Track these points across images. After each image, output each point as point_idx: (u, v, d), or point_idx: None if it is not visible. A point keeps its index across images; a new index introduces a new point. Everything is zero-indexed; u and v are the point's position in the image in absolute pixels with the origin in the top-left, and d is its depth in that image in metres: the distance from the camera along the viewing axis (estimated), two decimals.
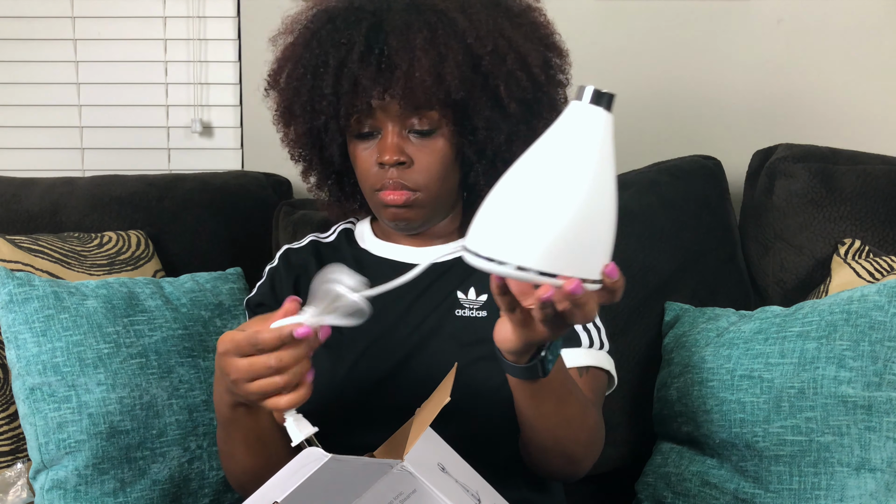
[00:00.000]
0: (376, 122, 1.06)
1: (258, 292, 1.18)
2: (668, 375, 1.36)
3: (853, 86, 1.74)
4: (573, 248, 0.69)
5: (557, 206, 0.69)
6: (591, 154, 0.71)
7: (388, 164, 1.05)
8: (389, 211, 1.08)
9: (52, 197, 1.53)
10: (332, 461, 0.73)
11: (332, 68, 1.05)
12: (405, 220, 1.08)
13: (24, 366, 1.20)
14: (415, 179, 1.06)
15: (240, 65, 1.77)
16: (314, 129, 1.10)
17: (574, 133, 0.71)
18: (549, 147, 0.71)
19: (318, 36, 1.07)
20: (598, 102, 0.72)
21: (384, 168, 1.06)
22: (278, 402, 0.82)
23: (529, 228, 0.68)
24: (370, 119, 1.06)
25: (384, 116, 1.05)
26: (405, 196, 1.06)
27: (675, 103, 1.76)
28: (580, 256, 0.70)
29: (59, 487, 1.19)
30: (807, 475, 1.16)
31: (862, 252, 1.39)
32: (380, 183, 1.07)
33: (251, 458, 0.99)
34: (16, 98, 1.78)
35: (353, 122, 1.07)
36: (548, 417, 0.92)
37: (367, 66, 1.03)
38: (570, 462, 1.01)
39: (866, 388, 1.15)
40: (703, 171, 1.57)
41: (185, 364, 1.28)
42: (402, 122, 1.05)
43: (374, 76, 1.02)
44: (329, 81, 1.05)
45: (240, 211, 1.58)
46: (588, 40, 1.73)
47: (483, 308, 1.08)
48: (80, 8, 1.76)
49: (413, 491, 0.80)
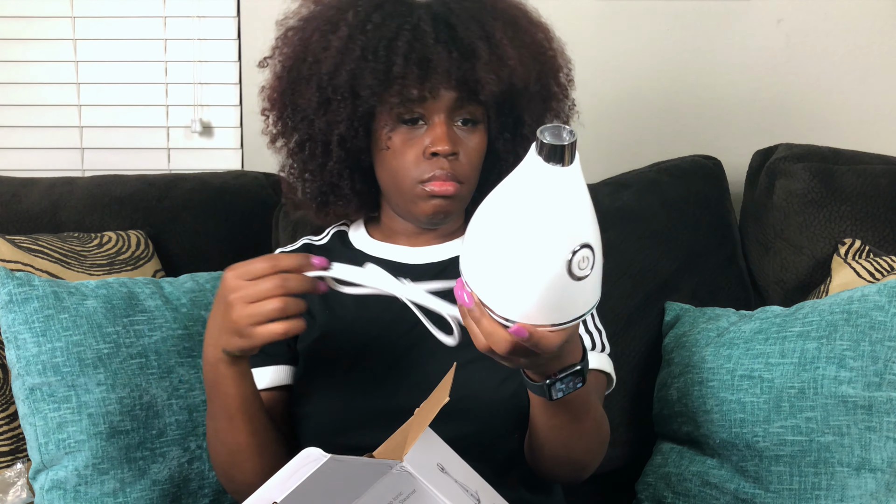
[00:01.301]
0: (426, 109, 1.04)
1: None
2: (668, 375, 1.36)
3: (853, 86, 1.74)
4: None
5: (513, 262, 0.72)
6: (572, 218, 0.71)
7: (443, 154, 1.03)
8: (432, 203, 1.05)
9: (51, 197, 1.53)
10: (331, 461, 0.73)
11: (402, 52, 1.02)
12: (445, 212, 1.07)
13: (24, 366, 1.20)
14: (463, 171, 1.05)
15: (240, 65, 1.77)
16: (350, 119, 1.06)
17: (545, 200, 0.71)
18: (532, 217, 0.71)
19: (371, 20, 1.04)
20: (569, 160, 0.70)
21: (434, 159, 1.04)
22: (274, 329, 0.87)
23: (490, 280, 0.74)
24: (420, 107, 1.04)
25: (437, 105, 1.03)
26: (455, 187, 1.04)
27: (675, 103, 1.76)
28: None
29: (58, 487, 1.19)
30: (807, 475, 1.16)
31: (862, 252, 1.39)
32: (428, 173, 1.04)
33: (235, 435, 0.98)
34: (16, 98, 1.78)
35: (403, 111, 1.04)
36: (561, 429, 0.94)
37: (441, 50, 1.02)
38: (578, 469, 1.02)
39: (866, 388, 1.15)
40: (703, 171, 1.57)
41: (185, 364, 1.28)
42: (453, 112, 1.04)
43: (451, 59, 1.02)
44: (399, 65, 1.01)
45: (240, 211, 1.58)
46: (588, 40, 1.73)
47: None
48: (80, 8, 1.76)
49: (412, 491, 0.80)
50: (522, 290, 0.72)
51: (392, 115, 1.05)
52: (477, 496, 0.86)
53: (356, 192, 1.15)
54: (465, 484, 0.85)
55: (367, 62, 1.03)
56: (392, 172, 1.07)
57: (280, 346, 1.11)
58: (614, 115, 1.74)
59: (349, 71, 1.04)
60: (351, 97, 1.05)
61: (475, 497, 0.85)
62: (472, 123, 1.06)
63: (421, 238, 1.14)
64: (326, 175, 1.13)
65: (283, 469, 0.77)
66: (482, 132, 1.08)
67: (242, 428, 0.98)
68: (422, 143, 1.04)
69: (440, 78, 1.01)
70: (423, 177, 1.04)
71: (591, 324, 1.12)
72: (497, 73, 1.03)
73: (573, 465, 1.01)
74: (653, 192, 1.52)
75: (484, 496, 0.87)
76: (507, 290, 0.73)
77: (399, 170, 1.06)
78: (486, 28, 1.04)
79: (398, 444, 0.82)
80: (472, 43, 1.03)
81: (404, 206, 1.08)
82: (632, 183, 1.54)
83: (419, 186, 1.05)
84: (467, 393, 0.99)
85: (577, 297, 0.73)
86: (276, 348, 1.11)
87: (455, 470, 0.85)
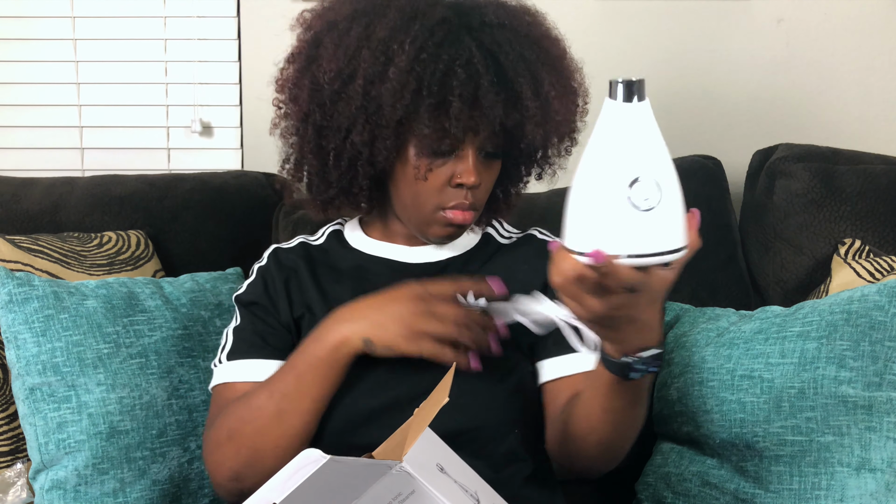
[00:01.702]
0: (460, 142, 1.05)
1: (251, 291, 1.16)
2: (668, 375, 1.35)
3: (853, 86, 1.74)
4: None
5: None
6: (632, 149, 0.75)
7: (468, 186, 1.05)
8: (447, 229, 1.09)
9: (51, 197, 1.53)
10: (330, 462, 0.73)
11: (457, 91, 1.01)
12: (456, 236, 1.12)
13: (24, 366, 1.20)
14: (480, 200, 1.09)
15: (240, 65, 1.77)
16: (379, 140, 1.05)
17: (608, 135, 0.76)
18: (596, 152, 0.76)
19: (427, 50, 1.02)
20: (629, 98, 0.75)
21: (458, 188, 1.06)
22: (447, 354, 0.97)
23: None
24: (455, 138, 1.04)
25: (469, 139, 1.05)
26: (471, 216, 1.08)
27: (675, 103, 1.76)
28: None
29: (58, 487, 1.19)
30: (807, 475, 1.16)
31: (862, 252, 1.39)
32: (451, 202, 1.06)
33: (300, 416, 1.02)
34: (16, 98, 1.78)
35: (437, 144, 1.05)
36: (618, 413, 0.95)
37: (491, 93, 1.02)
38: (618, 457, 1.05)
39: (866, 388, 1.15)
40: (703, 171, 1.57)
41: (185, 364, 1.28)
42: (481, 144, 1.06)
43: (500, 107, 1.03)
44: (455, 107, 1.01)
45: (240, 211, 1.58)
46: (588, 40, 1.72)
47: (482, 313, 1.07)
48: (80, 8, 1.76)
49: (412, 492, 0.80)
50: (591, 220, 0.75)
51: (428, 144, 1.05)
52: (476, 496, 0.86)
53: (369, 199, 1.14)
54: (465, 484, 0.85)
55: (422, 97, 1.02)
56: (414, 194, 1.07)
57: (287, 342, 1.11)
58: None
59: (404, 106, 1.02)
60: (396, 125, 1.04)
61: (475, 497, 0.85)
62: (494, 157, 1.08)
63: (419, 239, 1.15)
64: (344, 182, 1.11)
65: (282, 470, 0.77)
66: (499, 161, 1.10)
67: (310, 410, 1.02)
68: (449, 170, 1.05)
69: (486, 121, 1.03)
70: (446, 204, 1.06)
71: None
72: (544, 127, 1.06)
73: (616, 452, 1.03)
74: None
75: (483, 496, 0.87)
76: (579, 222, 0.75)
77: (422, 193, 1.07)
78: (534, 73, 1.05)
79: (397, 445, 0.82)
80: (521, 91, 1.04)
81: (417, 224, 1.10)
82: None
83: (439, 212, 1.07)
84: (468, 388, 0.99)
85: (648, 230, 0.75)
86: (283, 343, 1.11)
87: (454, 470, 0.85)
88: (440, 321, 0.98)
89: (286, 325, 1.12)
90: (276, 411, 1.02)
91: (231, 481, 1.05)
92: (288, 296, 1.13)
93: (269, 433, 1.02)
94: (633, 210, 0.73)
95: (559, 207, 0.84)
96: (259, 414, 1.03)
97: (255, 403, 1.04)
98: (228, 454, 1.04)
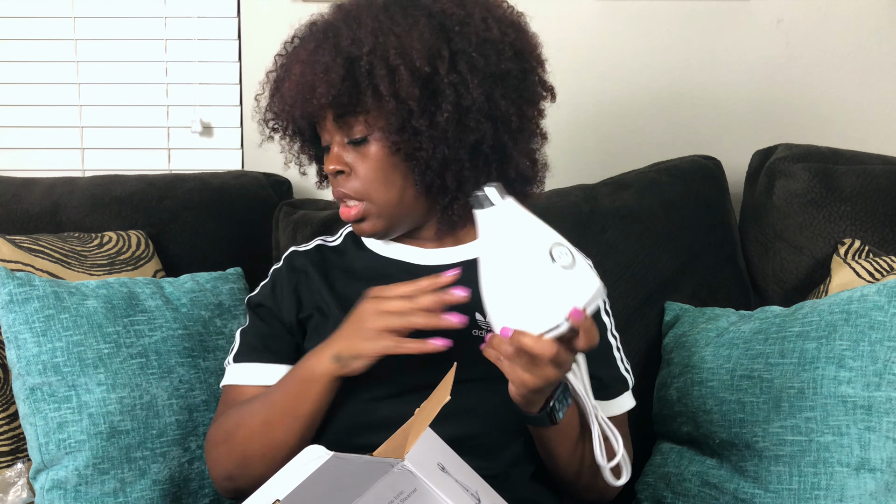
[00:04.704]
0: (326, 135, 1.10)
1: (260, 292, 1.18)
2: (668, 375, 1.36)
3: (853, 86, 1.74)
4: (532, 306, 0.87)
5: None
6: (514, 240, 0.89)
7: (330, 174, 1.09)
8: (355, 228, 1.12)
9: (52, 197, 1.53)
10: (333, 459, 0.73)
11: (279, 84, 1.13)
12: (364, 233, 1.12)
13: (24, 366, 1.20)
14: (354, 187, 1.08)
15: (240, 65, 1.77)
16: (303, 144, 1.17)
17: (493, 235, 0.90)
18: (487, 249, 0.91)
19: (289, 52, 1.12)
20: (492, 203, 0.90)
21: (334, 178, 1.09)
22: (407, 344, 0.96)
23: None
24: (325, 133, 1.10)
25: (328, 130, 1.09)
26: (355, 210, 1.09)
27: (675, 103, 1.76)
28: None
29: (59, 487, 1.19)
30: (806, 475, 1.16)
31: (862, 252, 1.40)
32: (335, 195, 1.11)
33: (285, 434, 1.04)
34: (16, 98, 1.78)
35: (321, 134, 1.12)
36: (564, 456, 1.04)
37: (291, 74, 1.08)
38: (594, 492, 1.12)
39: (866, 388, 1.15)
40: (703, 171, 1.57)
41: (185, 364, 1.28)
42: (339, 134, 1.08)
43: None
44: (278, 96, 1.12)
45: (240, 211, 1.58)
46: (588, 40, 1.73)
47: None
48: (80, 8, 1.76)
49: (413, 490, 0.80)
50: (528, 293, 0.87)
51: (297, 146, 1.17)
52: (477, 496, 0.86)
53: None
54: (466, 483, 0.85)
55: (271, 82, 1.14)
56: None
57: (289, 346, 1.13)
58: (614, 115, 1.74)
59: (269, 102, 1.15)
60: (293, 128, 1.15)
61: (475, 497, 0.85)
62: (359, 143, 1.07)
63: (432, 240, 1.14)
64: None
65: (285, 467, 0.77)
66: (377, 144, 1.06)
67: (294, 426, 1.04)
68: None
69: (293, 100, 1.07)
70: (336, 200, 1.11)
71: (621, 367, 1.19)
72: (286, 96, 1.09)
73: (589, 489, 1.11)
74: (653, 192, 1.52)
75: (484, 496, 0.87)
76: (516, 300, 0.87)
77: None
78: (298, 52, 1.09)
79: (399, 444, 0.82)
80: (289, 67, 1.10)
81: None
82: (632, 183, 1.54)
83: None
84: (476, 394, 1.00)
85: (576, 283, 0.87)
86: (285, 346, 1.13)
87: (455, 469, 0.85)
88: (391, 315, 0.97)
89: (289, 327, 1.13)
90: (264, 420, 1.05)
91: (225, 480, 1.10)
92: (296, 298, 1.14)
93: (257, 441, 1.05)
94: (561, 271, 0.86)
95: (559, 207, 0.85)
96: (250, 420, 1.06)
97: (249, 409, 1.07)
98: (223, 454, 1.09)
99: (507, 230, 0.89)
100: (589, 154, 1.20)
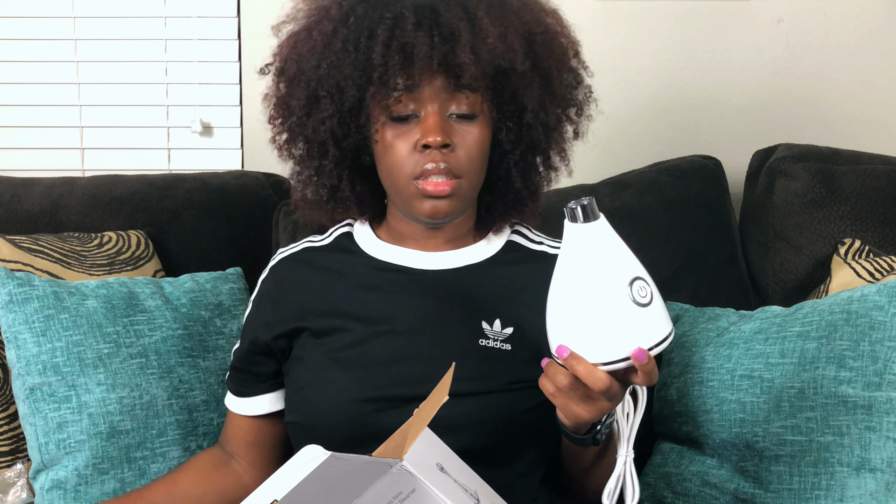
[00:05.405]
0: (418, 104, 1.00)
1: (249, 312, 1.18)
2: (668, 375, 1.36)
3: (853, 86, 1.74)
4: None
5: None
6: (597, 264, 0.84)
7: (434, 146, 0.99)
8: (429, 203, 1.01)
9: (52, 197, 1.53)
10: (331, 459, 0.73)
11: (381, 40, 0.97)
12: (444, 213, 1.02)
13: (24, 366, 1.20)
14: (460, 165, 1.00)
15: (240, 65, 1.77)
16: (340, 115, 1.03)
17: (577, 252, 0.85)
18: (568, 264, 0.85)
19: (355, 12, 1.00)
20: (587, 219, 0.84)
21: (426, 152, 0.99)
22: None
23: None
24: (412, 101, 0.99)
25: (427, 97, 0.99)
26: (451, 185, 1.00)
27: (675, 103, 1.76)
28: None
29: (59, 487, 1.19)
30: (807, 475, 1.16)
31: (862, 252, 1.39)
32: (420, 169, 1.00)
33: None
34: (16, 98, 1.78)
35: (392, 104, 1.00)
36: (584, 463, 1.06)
37: (422, 35, 0.96)
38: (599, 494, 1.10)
39: (866, 388, 1.15)
40: (703, 171, 1.57)
41: (185, 364, 1.28)
42: (444, 104, 1.00)
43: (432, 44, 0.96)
44: (379, 52, 0.97)
45: (240, 211, 1.58)
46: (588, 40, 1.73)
47: (508, 341, 1.04)
48: (80, 8, 1.76)
49: (412, 490, 0.80)
50: (598, 326, 0.83)
51: (382, 109, 1.00)
52: (476, 496, 0.86)
53: (356, 194, 1.10)
54: (465, 483, 0.85)
55: (348, 54, 0.99)
56: (387, 169, 1.03)
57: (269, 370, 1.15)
58: (614, 115, 1.74)
59: (330, 64, 1.00)
60: (337, 92, 1.01)
61: (474, 497, 0.85)
62: (467, 118, 1.01)
63: (431, 242, 1.10)
64: (325, 177, 1.09)
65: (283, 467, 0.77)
66: (481, 125, 1.02)
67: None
68: (414, 136, 1.00)
69: (422, 64, 0.96)
70: (417, 171, 1.00)
71: None
72: (476, 52, 0.97)
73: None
74: (653, 192, 1.52)
75: (483, 496, 0.87)
76: (586, 332, 0.83)
77: (393, 166, 1.02)
78: (469, 9, 0.99)
79: (398, 444, 0.82)
80: (453, 25, 0.97)
81: (403, 205, 1.05)
82: (632, 183, 1.54)
83: (413, 184, 1.01)
84: (486, 406, 1.00)
85: (651, 323, 0.84)
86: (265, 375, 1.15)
87: (454, 469, 0.85)
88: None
89: (270, 349, 1.12)
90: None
91: None
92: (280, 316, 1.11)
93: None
94: (636, 307, 0.82)
95: (559, 208, 0.85)
96: None
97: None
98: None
99: (594, 251, 0.84)
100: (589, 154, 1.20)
